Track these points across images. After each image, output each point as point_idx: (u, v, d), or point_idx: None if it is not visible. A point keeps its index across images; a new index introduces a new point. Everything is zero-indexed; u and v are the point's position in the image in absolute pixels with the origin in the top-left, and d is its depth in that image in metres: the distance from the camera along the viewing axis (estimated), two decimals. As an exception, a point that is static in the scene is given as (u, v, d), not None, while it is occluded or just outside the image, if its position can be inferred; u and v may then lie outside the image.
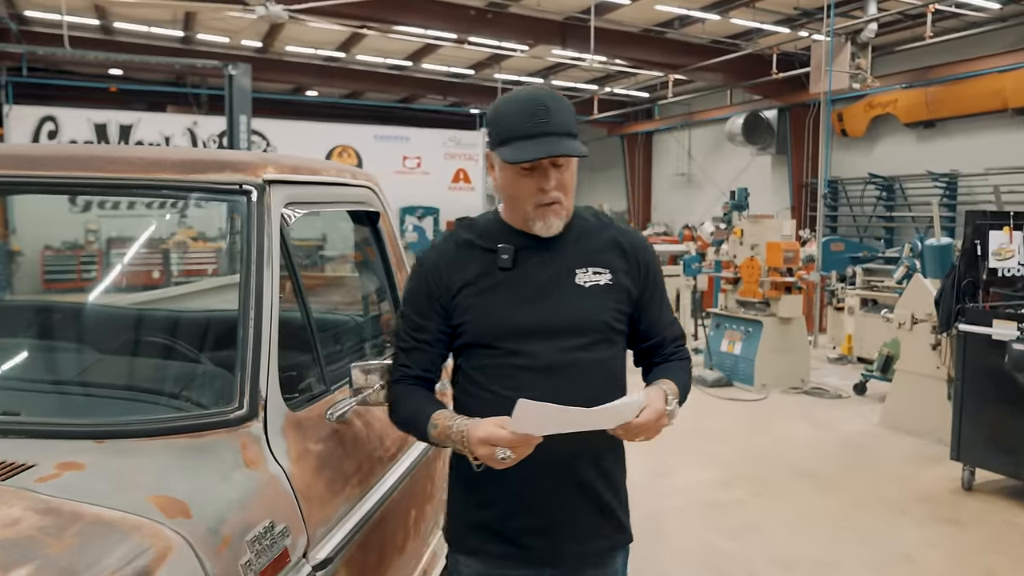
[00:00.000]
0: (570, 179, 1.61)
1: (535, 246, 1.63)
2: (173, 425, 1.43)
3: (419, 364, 1.67)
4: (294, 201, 1.82)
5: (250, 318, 1.57)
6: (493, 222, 1.69)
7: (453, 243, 1.68)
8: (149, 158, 1.66)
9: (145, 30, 15.14)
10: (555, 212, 1.58)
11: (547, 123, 1.52)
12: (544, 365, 1.58)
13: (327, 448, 1.68)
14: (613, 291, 1.65)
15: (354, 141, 19.54)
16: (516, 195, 1.60)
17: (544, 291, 1.61)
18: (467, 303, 1.61)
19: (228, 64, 11.36)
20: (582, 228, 1.69)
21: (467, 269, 1.63)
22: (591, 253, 1.66)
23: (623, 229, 1.75)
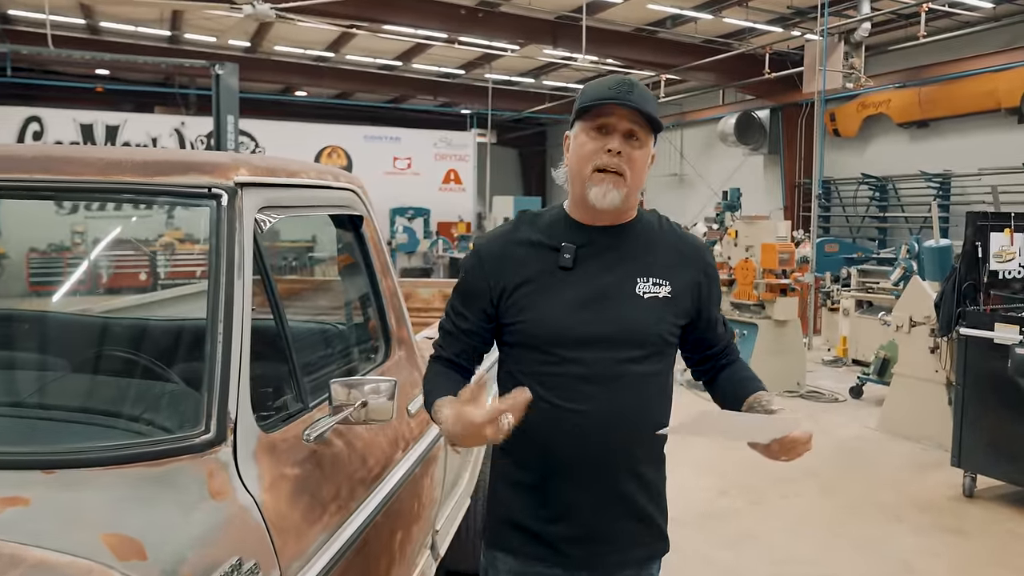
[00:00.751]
0: (640, 158, 1.55)
1: (597, 245, 1.59)
2: (131, 452, 1.29)
3: (451, 348, 1.67)
4: (269, 205, 1.70)
5: (219, 332, 1.44)
6: (557, 217, 1.65)
7: (514, 236, 1.64)
8: (108, 159, 1.53)
9: (131, 29, 14.95)
10: (614, 182, 1.52)
11: (629, 93, 1.52)
12: (596, 375, 1.55)
13: (304, 472, 1.55)
14: (671, 304, 1.61)
15: (344, 142, 19.40)
16: (580, 158, 1.55)
17: (602, 298, 1.57)
18: (523, 303, 1.58)
19: (215, 64, 11.21)
20: (646, 231, 1.65)
21: (526, 266, 1.59)
22: (653, 261, 1.62)
23: (685, 236, 1.71)
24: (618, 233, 1.62)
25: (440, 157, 20.30)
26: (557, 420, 1.54)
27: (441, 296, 4.86)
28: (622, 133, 1.52)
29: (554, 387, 1.55)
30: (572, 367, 1.55)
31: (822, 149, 11.07)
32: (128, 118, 17.49)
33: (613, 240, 1.61)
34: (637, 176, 1.55)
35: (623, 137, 1.53)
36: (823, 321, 10.20)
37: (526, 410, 1.54)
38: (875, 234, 15.22)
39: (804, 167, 16.65)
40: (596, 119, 1.54)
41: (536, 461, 1.60)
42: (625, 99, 1.50)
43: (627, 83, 1.53)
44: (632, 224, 1.64)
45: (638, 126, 1.53)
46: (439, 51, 16.42)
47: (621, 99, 1.50)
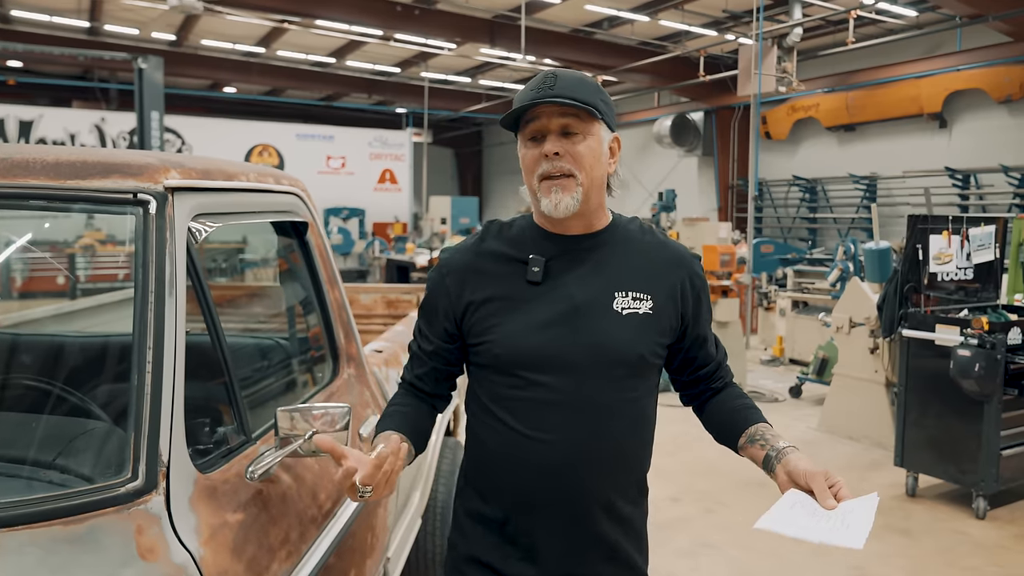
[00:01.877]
0: (587, 152, 1.39)
1: (569, 256, 1.45)
2: (41, 509, 1.08)
3: (413, 371, 1.57)
4: (204, 212, 1.50)
5: (147, 360, 1.24)
6: (524, 227, 1.51)
7: (480, 248, 1.50)
8: (13, 159, 1.31)
9: (47, 19, 14.15)
10: (563, 186, 1.39)
11: (552, 88, 1.38)
12: (567, 401, 1.40)
13: (248, 517, 1.36)
14: (653, 321, 1.45)
15: (275, 140, 18.90)
16: (526, 171, 1.44)
17: (575, 315, 1.41)
18: (487, 321, 1.44)
19: (138, 57, 10.70)
20: (625, 239, 1.50)
21: (491, 281, 1.46)
22: (632, 273, 1.46)
23: (669, 244, 1.55)
24: (592, 242, 1.47)
25: (375, 157, 19.97)
26: (523, 450, 1.41)
27: (384, 302, 4.66)
28: (556, 132, 1.39)
29: (520, 414, 1.41)
30: (539, 392, 1.40)
31: (757, 151, 11.24)
32: (44, 113, 16.64)
33: (587, 250, 1.46)
34: (590, 172, 1.40)
35: (559, 136, 1.39)
36: (759, 321, 10.35)
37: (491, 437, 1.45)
38: (805, 235, 15.61)
39: (737, 168, 16.98)
40: (528, 127, 1.42)
41: (501, 494, 1.45)
42: (547, 96, 1.37)
43: (550, 77, 1.40)
44: (607, 231, 1.49)
45: (571, 118, 1.39)
46: (374, 49, 16.10)
47: (543, 97, 1.37)
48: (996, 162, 11.90)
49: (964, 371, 4.29)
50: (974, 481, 4.41)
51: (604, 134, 1.43)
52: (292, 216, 1.96)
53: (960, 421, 4.47)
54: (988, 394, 4.29)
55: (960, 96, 12.54)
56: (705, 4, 12.77)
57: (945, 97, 12.52)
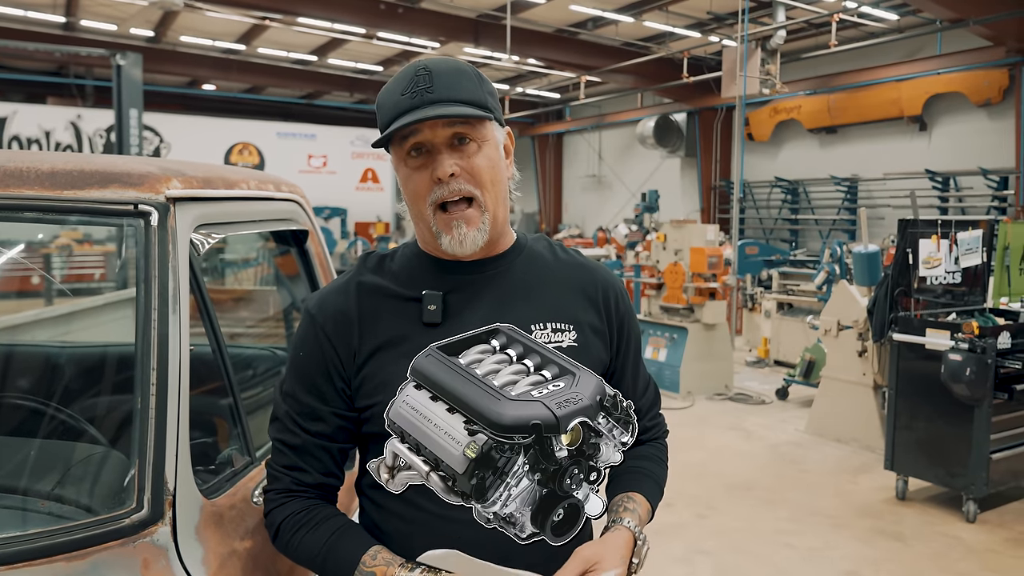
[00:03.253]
0: (486, 165, 1.15)
1: (472, 287, 1.20)
2: (42, 544, 1.02)
3: (317, 467, 1.19)
4: (206, 223, 1.43)
5: (151, 383, 1.18)
6: (409, 256, 1.24)
7: (358, 286, 1.21)
8: (7, 168, 1.24)
9: (21, 14, 13.87)
10: (465, 217, 1.14)
11: (430, 89, 1.12)
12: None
13: (256, 545, 1.30)
14: (578, 356, 1.20)
15: (255, 138, 18.70)
16: (412, 196, 1.17)
17: None
18: (379, 378, 1.15)
19: (116, 53, 10.51)
20: (534, 261, 1.26)
21: (380, 325, 1.17)
22: (549, 300, 1.22)
23: (588, 265, 1.31)
24: (497, 267, 1.22)
25: (357, 155, 19.83)
26: (433, 533, 1.13)
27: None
28: (445, 144, 1.14)
29: (426, 491, 1.13)
30: None
31: (743, 153, 11.28)
32: (18, 109, 16.33)
33: (491, 277, 1.21)
34: (493, 188, 1.17)
35: (448, 148, 1.14)
36: (744, 322, 10.38)
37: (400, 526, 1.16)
38: (787, 236, 15.70)
39: (720, 169, 17.05)
40: (406, 141, 1.15)
41: None
42: (425, 103, 1.12)
43: (422, 75, 1.14)
44: (513, 252, 1.24)
45: (461, 124, 1.14)
46: (356, 47, 15.97)
47: (420, 107, 1.11)
48: (975, 165, 12.03)
49: (955, 375, 4.30)
50: (964, 484, 4.43)
51: (498, 135, 1.20)
52: (292, 224, 1.89)
53: (950, 425, 4.48)
54: (979, 398, 4.30)
55: (940, 99, 12.67)
56: (689, 6, 12.80)
57: (925, 100, 12.64)
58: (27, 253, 6.77)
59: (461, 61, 1.21)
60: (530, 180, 22.90)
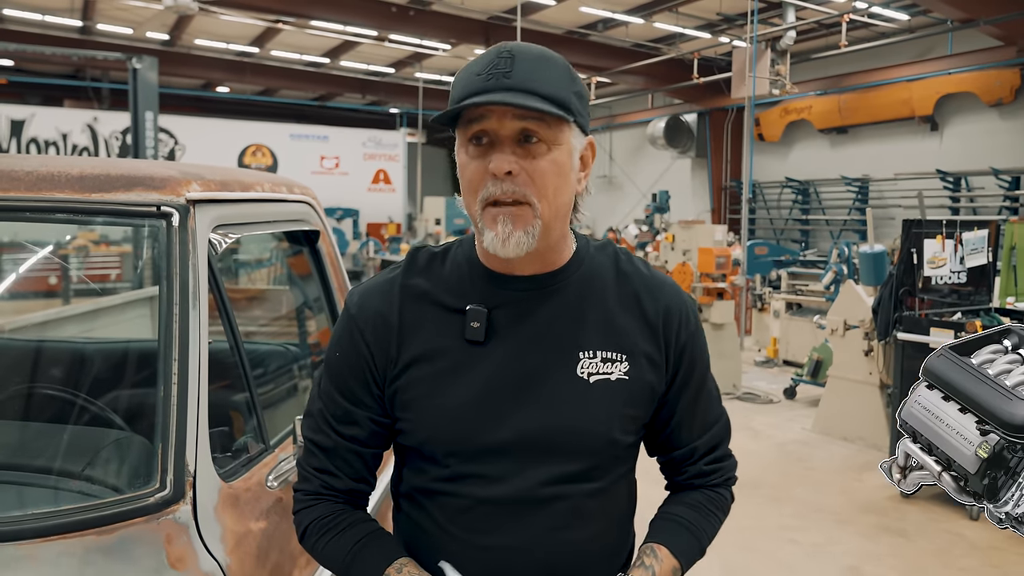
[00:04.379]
0: (551, 171, 1.02)
1: (521, 305, 1.10)
2: (73, 519, 1.11)
3: (347, 472, 1.14)
4: (224, 223, 1.52)
5: (173, 373, 1.26)
6: (460, 261, 1.14)
7: (403, 288, 1.13)
8: (40, 172, 1.33)
9: (39, 18, 14.08)
10: (516, 218, 1.02)
11: (508, 74, 1.00)
12: (516, 497, 1.08)
13: (271, 525, 1.39)
14: (628, 389, 1.11)
15: (269, 140, 18.86)
16: (466, 187, 1.06)
17: (529, 385, 1.08)
18: (413, 392, 1.09)
19: (132, 57, 10.66)
20: (593, 278, 1.14)
21: (420, 335, 1.10)
22: (603, 324, 1.11)
23: (651, 281, 1.16)
24: (551, 285, 1.11)
25: (369, 157, 19.95)
26: (463, 559, 1.09)
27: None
28: (510, 139, 1.02)
29: (456, 514, 1.10)
30: (475, 487, 1.08)
31: (752, 153, 11.31)
32: (35, 112, 16.56)
33: (544, 296, 1.10)
34: (554, 199, 1.04)
35: (514, 143, 1.02)
36: (753, 322, 10.41)
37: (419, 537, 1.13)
38: (798, 236, 15.70)
39: (730, 170, 17.06)
40: (471, 126, 1.03)
41: None
42: (500, 88, 0.99)
43: (504, 56, 1.01)
44: (570, 268, 1.13)
45: (534, 120, 1.01)
46: (368, 49, 16.10)
47: (493, 91, 0.99)
48: (986, 165, 12.00)
49: (958, 374, 4.35)
50: (968, 483, 4.47)
51: (576, 142, 1.07)
52: (304, 225, 1.98)
53: (954, 423, 4.52)
54: (982, 397, 4.34)
55: (951, 99, 12.64)
56: (699, 7, 12.84)
57: (936, 100, 12.63)
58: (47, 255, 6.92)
59: (554, 53, 1.06)
60: (541, 181, 22.97)
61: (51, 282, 10.85)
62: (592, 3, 12.74)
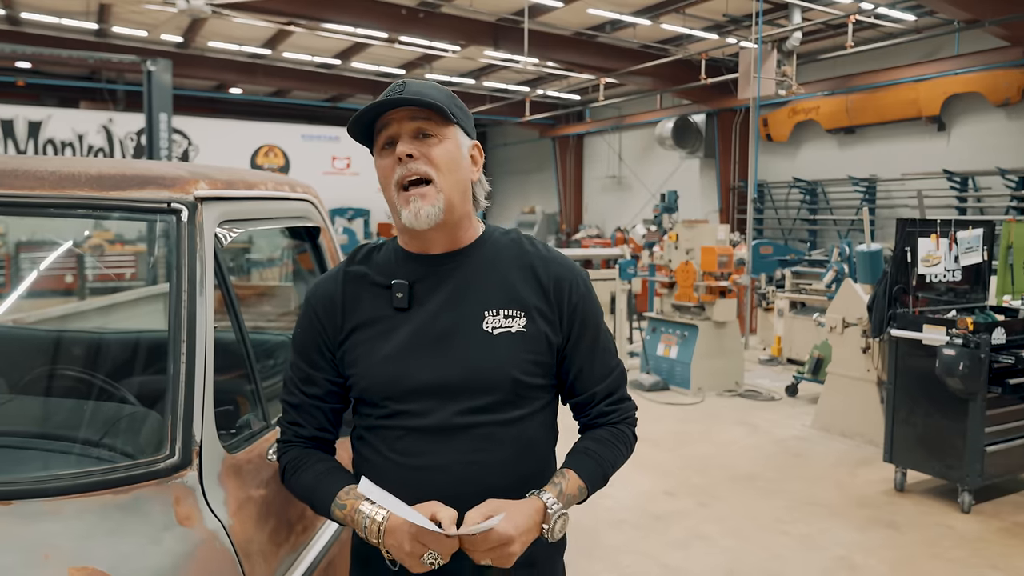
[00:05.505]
0: (442, 154, 1.33)
1: (435, 277, 1.38)
2: (93, 480, 1.25)
3: (312, 423, 1.43)
4: (229, 219, 1.66)
5: (181, 353, 1.40)
6: (391, 250, 1.44)
7: (346, 276, 1.43)
8: (61, 172, 1.47)
9: (55, 21, 14.33)
10: (422, 194, 1.31)
11: (402, 92, 1.33)
12: (436, 427, 1.33)
13: (270, 493, 1.53)
14: (527, 340, 1.37)
15: (281, 140, 19.07)
16: (383, 182, 1.37)
17: (444, 339, 1.35)
18: (356, 352, 1.38)
19: (147, 59, 10.87)
20: (495, 253, 1.42)
21: (359, 309, 1.40)
22: (503, 289, 1.38)
23: (546, 256, 1.44)
24: (459, 259, 1.39)
25: (380, 157, 20.11)
26: (400, 480, 1.32)
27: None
28: (409, 135, 1.33)
29: (388, 441, 1.36)
30: (406, 419, 1.35)
31: (757, 153, 11.39)
32: (52, 114, 16.83)
33: (453, 268, 1.39)
34: (449, 175, 1.33)
35: (411, 139, 1.33)
36: (758, 321, 10.49)
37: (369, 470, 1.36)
38: (806, 236, 15.73)
39: (739, 170, 17.11)
40: (380, 135, 1.36)
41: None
42: (395, 98, 1.31)
43: (398, 84, 1.36)
44: (476, 247, 1.41)
45: (424, 119, 1.33)
46: (378, 51, 16.26)
47: (391, 100, 1.32)
48: (994, 165, 12.02)
49: (949, 369, 4.44)
50: (960, 476, 4.56)
51: (462, 139, 1.38)
52: (306, 221, 2.12)
53: (946, 418, 4.62)
54: (972, 392, 4.43)
55: (958, 99, 12.66)
56: (706, 8, 12.91)
57: (943, 100, 12.64)
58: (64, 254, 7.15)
59: (435, 82, 1.41)
60: (550, 181, 23.08)
61: (67, 280, 11.06)
62: (599, 5, 12.83)
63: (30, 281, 5.30)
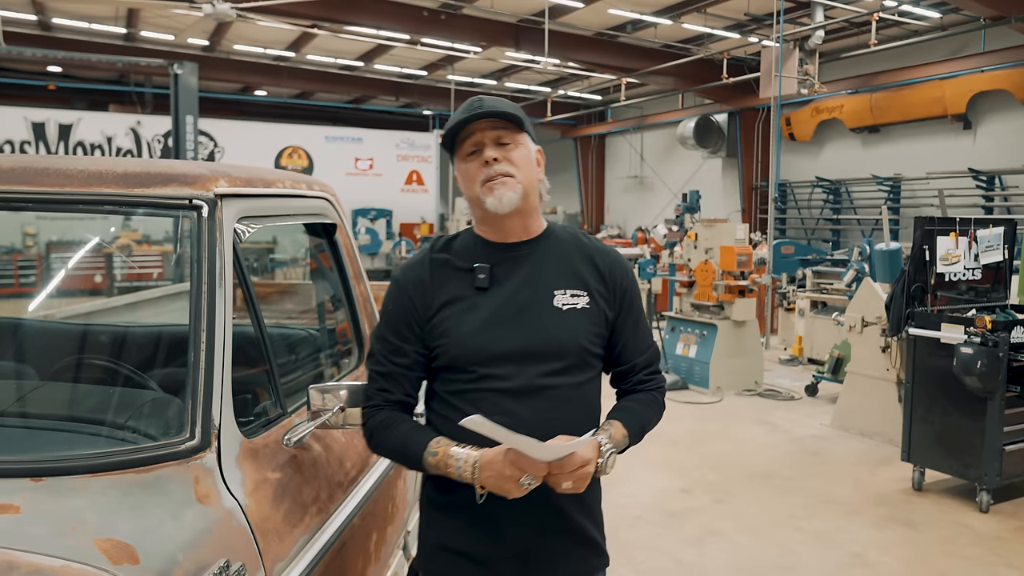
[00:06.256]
0: (520, 157, 1.58)
1: (511, 262, 1.61)
2: (118, 459, 1.32)
3: (400, 389, 1.62)
4: (247, 215, 1.73)
5: (201, 342, 1.47)
6: (467, 239, 1.66)
7: (430, 262, 1.64)
8: (90, 171, 1.55)
9: (85, 26, 14.64)
10: (503, 183, 1.55)
11: (480, 107, 1.56)
12: (518, 389, 1.55)
13: (285, 476, 1.60)
14: (590, 314, 1.62)
15: (305, 142, 19.26)
16: (467, 183, 1.59)
17: (521, 313, 1.58)
18: (444, 325, 1.58)
19: (174, 63, 11.06)
20: (559, 244, 1.66)
21: (445, 289, 1.60)
22: (569, 273, 1.63)
23: (600, 248, 1.71)
24: (530, 248, 1.63)
25: (402, 158, 20.26)
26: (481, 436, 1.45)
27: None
28: (492, 143, 1.57)
29: (476, 403, 1.53)
30: (492, 382, 1.55)
31: (778, 153, 11.35)
32: (82, 117, 17.14)
33: (526, 255, 1.62)
34: (526, 173, 1.58)
35: (494, 146, 1.57)
36: (780, 321, 10.45)
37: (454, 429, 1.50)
38: (829, 236, 15.62)
39: (761, 170, 17.02)
40: (464, 144, 1.59)
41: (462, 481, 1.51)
42: (477, 113, 1.55)
43: (476, 100, 1.59)
44: (543, 238, 1.66)
45: (503, 129, 1.58)
46: (401, 52, 16.40)
47: (474, 115, 1.55)
48: (1021, 163, 11.87)
49: (967, 368, 4.42)
50: (977, 476, 4.53)
51: (530, 144, 1.62)
52: (322, 218, 2.19)
53: (964, 417, 4.60)
54: (990, 390, 4.41)
55: (984, 97, 12.52)
56: (727, 7, 12.88)
57: (969, 98, 12.51)
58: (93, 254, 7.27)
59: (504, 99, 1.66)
60: (572, 181, 23.10)
61: (96, 280, 11.30)
62: (620, 5, 12.86)
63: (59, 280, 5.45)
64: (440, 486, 1.59)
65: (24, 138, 16.24)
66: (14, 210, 1.57)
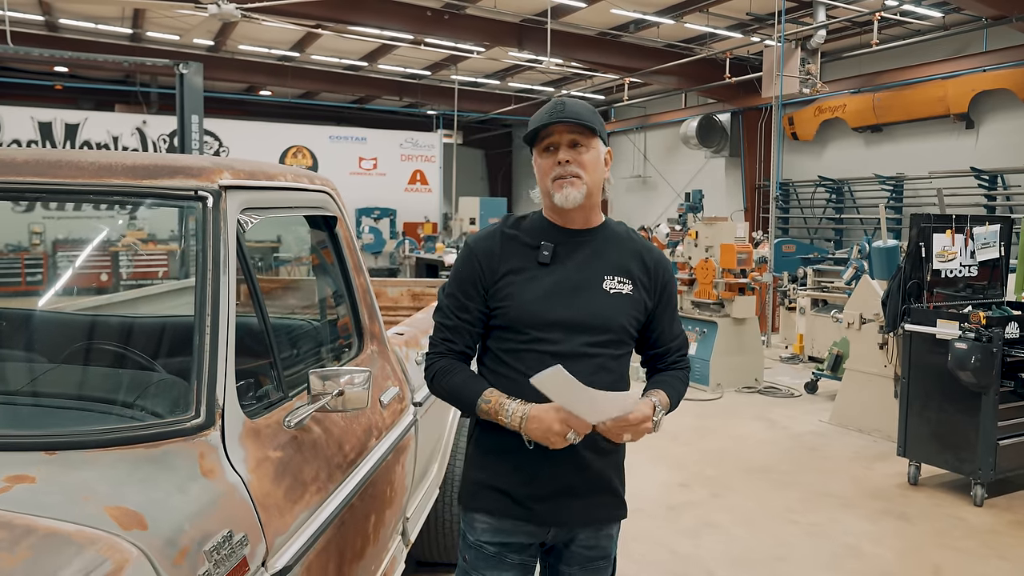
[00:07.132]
0: (589, 160, 1.80)
1: (571, 245, 1.85)
2: (128, 435, 1.40)
3: (461, 340, 1.86)
4: (250, 207, 1.80)
5: (206, 326, 1.54)
6: (536, 220, 1.90)
7: (501, 234, 1.88)
8: (100, 163, 1.62)
9: (92, 27, 14.75)
10: (571, 183, 1.78)
11: (562, 111, 1.79)
12: (564, 352, 1.78)
13: (285, 455, 1.66)
14: (633, 301, 1.86)
15: (309, 142, 19.34)
16: (541, 176, 1.83)
17: (575, 291, 1.82)
18: (507, 290, 1.81)
19: (179, 63, 11.14)
20: (614, 237, 1.91)
21: (512, 259, 1.84)
22: (619, 263, 1.87)
23: (648, 246, 1.95)
24: (589, 236, 1.89)
25: (406, 158, 20.32)
26: (531, 390, 1.69)
27: (409, 295, 4.96)
28: (567, 145, 1.80)
29: (529, 362, 1.76)
30: (543, 345, 1.79)
31: (780, 152, 11.39)
32: (88, 116, 17.24)
33: (585, 241, 1.87)
34: (592, 174, 1.81)
35: (568, 148, 1.80)
36: (781, 320, 10.49)
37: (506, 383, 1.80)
38: (832, 235, 15.64)
39: (764, 169, 17.04)
40: (543, 142, 1.82)
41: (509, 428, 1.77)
42: (559, 118, 1.77)
43: (559, 104, 1.80)
44: (601, 228, 1.91)
45: (578, 135, 1.80)
46: (405, 52, 16.47)
47: (555, 119, 1.77)
48: (1023, 162, 11.88)
49: (961, 363, 4.47)
50: (972, 470, 4.59)
51: (601, 147, 1.85)
52: (323, 211, 2.26)
53: (960, 412, 4.65)
54: (985, 385, 4.46)
55: (987, 97, 12.53)
56: (729, 7, 12.92)
57: (972, 98, 12.52)
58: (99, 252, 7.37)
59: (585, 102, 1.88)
60: (576, 181, 23.10)
61: (102, 279, 11.39)
62: (623, 4, 12.90)
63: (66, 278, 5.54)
64: (489, 431, 1.83)
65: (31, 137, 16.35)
66: (29, 200, 1.64)
